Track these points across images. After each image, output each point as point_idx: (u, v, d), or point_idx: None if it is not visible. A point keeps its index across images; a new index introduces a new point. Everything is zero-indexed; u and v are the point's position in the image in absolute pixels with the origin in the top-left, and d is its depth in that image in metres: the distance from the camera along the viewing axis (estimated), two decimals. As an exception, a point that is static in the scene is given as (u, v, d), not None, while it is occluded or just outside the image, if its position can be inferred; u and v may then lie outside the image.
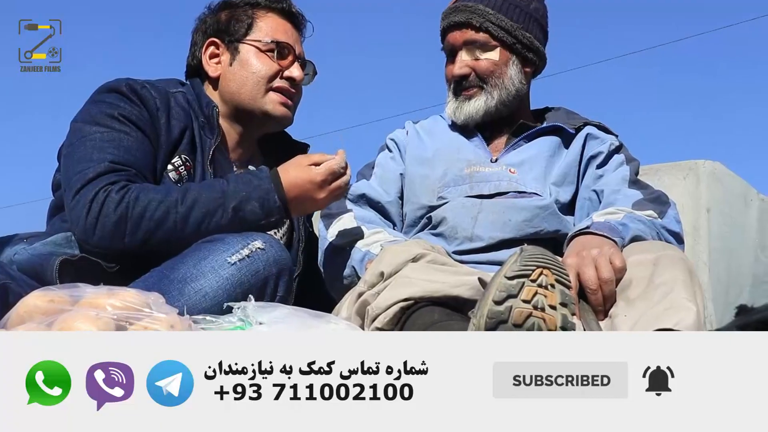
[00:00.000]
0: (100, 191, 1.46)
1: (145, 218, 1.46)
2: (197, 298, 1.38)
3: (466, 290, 1.36)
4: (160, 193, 1.49)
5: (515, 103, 1.87)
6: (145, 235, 1.47)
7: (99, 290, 1.06)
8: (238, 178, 1.57)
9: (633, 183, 1.75)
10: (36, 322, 1.01)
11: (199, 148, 1.66)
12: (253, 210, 1.52)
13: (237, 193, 1.52)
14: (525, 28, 1.84)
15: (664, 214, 1.63)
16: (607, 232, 1.47)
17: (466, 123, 1.87)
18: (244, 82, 1.71)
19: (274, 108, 1.72)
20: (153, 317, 1.03)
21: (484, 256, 1.72)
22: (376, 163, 1.97)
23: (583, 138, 1.85)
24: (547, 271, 1.08)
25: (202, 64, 1.75)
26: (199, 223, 1.48)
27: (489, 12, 1.82)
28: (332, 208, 1.82)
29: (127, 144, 1.54)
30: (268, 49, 1.72)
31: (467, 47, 1.84)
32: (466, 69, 1.84)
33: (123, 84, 1.61)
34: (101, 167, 1.49)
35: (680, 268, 1.36)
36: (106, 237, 1.46)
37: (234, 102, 1.73)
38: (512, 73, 1.84)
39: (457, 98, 1.87)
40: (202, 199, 1.49)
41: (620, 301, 1.34)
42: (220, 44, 1.74)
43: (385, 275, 1.40)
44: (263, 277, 1.43)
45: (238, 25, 1.73)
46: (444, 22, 1.88)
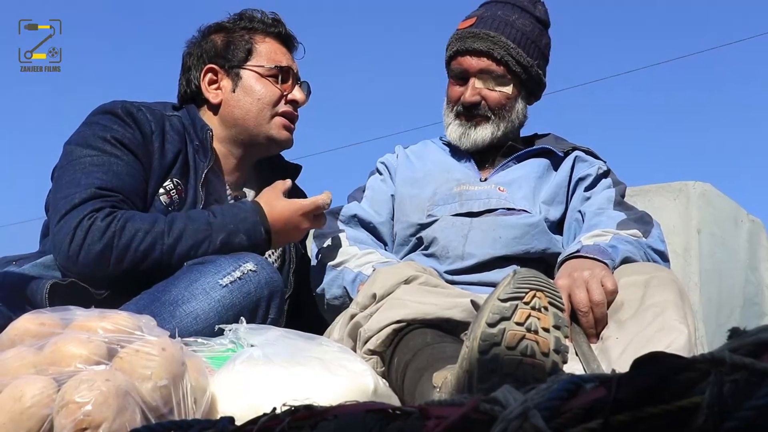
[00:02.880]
0: (85, 218, 1.44)
1: (131, 249, 1.45)
2: (189, 320, 1.37)
3: (458, 312, 1.36)
4: (146, 223, 1.47)
5: (515, 132, 1.91)
6: (130, 264, 1.46)
7: (90, 313, 1.06)
8: (224, 211, 1.57)
9: (618, 204, 1.76)
10: (27, 345, 1.00)
11: (192, 172, 1.65)
12: (241, 243, 1.54)
13: (224, 225, 1.53)
14: (538, 66, 1.87)
15: (649, 234, 1.64)
16: (597, 254, 1.47)
17: (468, 149, 1.88)
18: (249, 109, 1.72)
19: (279, 133, 1.74)
20: (144, 340, 1.02)
21: (476, 277, 1.72)
22: (367, 185, 1.98)
23: (572, 160, 1.87)
24: (540, 294, 1.08)
25: (201, 90, 1.75)
26: (185, 255, 1.49)
27: (511, 46, 1.82)
28: (324, 229, 1.82)
29: (117, 168, 1.53)
30: (270, 74, 1.73)
31: (482, 76, 1.84)
32: (477, 98, 1.84)
33: (119, 106, 1.61)
34: (87, 192, 1.48)
35: (671, 289, 1.37)
36: (89, 264, 1.44)
37: (239, 128, 1.73)
38: (519, 108, 1.87)
39: (461, 123, 1.87)
40: (189, 231, 1.49)
41: (612, 323, 1.35)
42: (219, 70, 1.74)
43: (377, 297, 1.40)
44: (255, 299, 1.42)
45: (237, 50, 1.74)
46: (460, 45, 1.86)
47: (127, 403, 0.92)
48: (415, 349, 1.28)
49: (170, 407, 0.97)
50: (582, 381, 0.59)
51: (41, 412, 0.91)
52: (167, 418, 0.96)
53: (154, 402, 0.95)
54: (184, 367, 1.00)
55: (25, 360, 0.97)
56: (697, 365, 0.55)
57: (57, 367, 0.96)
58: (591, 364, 1.26)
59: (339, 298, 1.73)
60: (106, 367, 0.96)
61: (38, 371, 0.96)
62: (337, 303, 1.73)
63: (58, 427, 0.89)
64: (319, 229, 1.77)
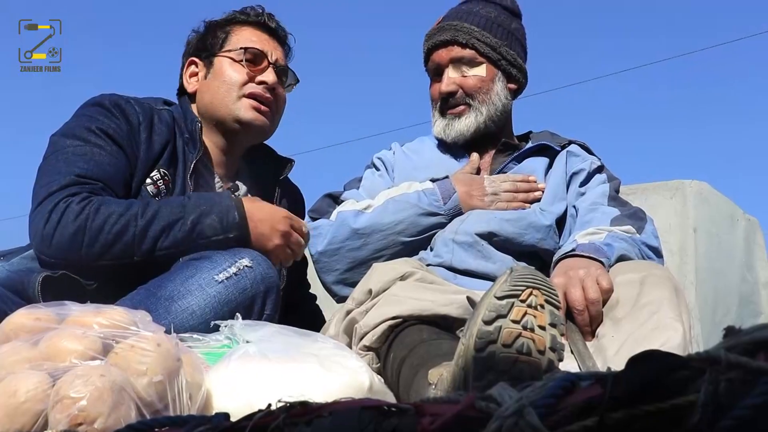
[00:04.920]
0: (60, 201, 1.44)
1: (104, 231, 1.43)
2: (184, 316, 1.36)
3: (454, 309, 1.36)
4: (121, 207, 1.46)
5: (502, 120, 1.89)
6: (102, 248, 1.43)
7: (86, 308, 1.05)
8: (201, 195, 1.56)
9: (612, 199, 1.76)
10: (22, 340, 1.00)
11: (181, 162, 1.65)
12: (212, 224, 1.49)
13: (197, 207, 1.50)
14: (508, 45, 1.88)
15: (642, 230, 1.64)
16: (593, 253, 1.47)
17: (455, 141, 1.88)
18: (216, 92, 1.72)
19: (246, 113, 1.71)
20: (140, 336, 1.02)
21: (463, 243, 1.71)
22: (364, 177, 1.98)
23: (566, 155, 1.87)
24: (536, 292, 1.08)
25: (184, 82, 1.77)
26: (156, 237, 1.46)
27: (474, 29, 1.85)
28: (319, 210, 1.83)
29: (99, 158, 1.52)
30: (240, 58, 1.73)
31: (454, 64, 1.86)
32: (453, 86, 1.86)
33: (107, 98, 1.61)
34: (66, 180, 1.47)
35: (667, 287, 1.37)
36: (63, 247, 1.43)
37: (209, 113, 1.73)
38: (498, 89, 1.86)
39: (444, 117, 1.88)
40: (162, 214, 1.47)
41: (607, 321, 1.35)
42: (198, 61, 1.77)
43: (373, 293, 1.40)
44: (251, 295, 1.42)
45: (215, 40, 1.76)
46: (429, 42, 1.91)
47: (122, 399, 0.92)
48: (410, 345, 1.28)
49: (165, 403, 0.97)
50: (577, 379, 0.59)
51: (36, 407, 0.90)
52: (162, 414, 0.95)
53: (149, 397, 0.95)
54: (180, 362, 1.00)
55: (20, 355, 0.97)
56: (692, 364, 0.55)
57: (52, 362, 0.96)
58: (586, 362, 1.27)
59: (401, 222, 1.74)
60: (101, 362, 0.96)
61: (33, 366, 0.95)
62: (401, 227, 1.74)
63: (52, 423, 0.89)
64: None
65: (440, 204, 1.73)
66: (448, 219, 1.74)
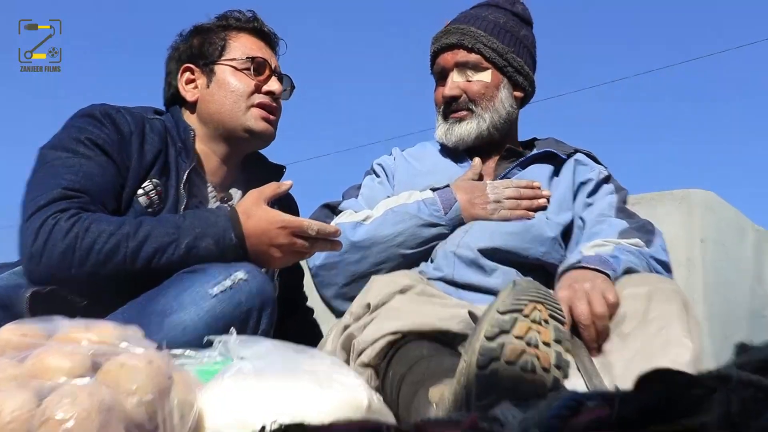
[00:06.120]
0: (49, 218, 1.40)
1: (93, 250, 1.39)
2: (177, 331, 1.33)
3: (455, 324, 1.33)
4: (112, 225, 1.42)
5: (506, 128, 1.87)
6: (92, 267, 1.40)
7: (75, 324, 1.03)
8: (196, 215, 1.51)
9: (620, 211, 1.73)
10: (8, 356, 0.97)
11: (174, 173, 1.63)
12: (208, 247, 1.45)
13: (192, 229, 1.45)
14: (515, 52, 1.85)
15: (651, 243, 1.61)
16: (599, 265, 1.44)
17: (456, 146, 1.86)
18: (223, 102, 1.71)
19: (257, 123, 1.71)
20: (130, 352, 0.99)
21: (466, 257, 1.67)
22: (363, 185, 1.95)
23: (573, 163, 1.84)
24: (540, 306, 1.05)
25: (179, 90, 1.75)
26: (149, 259, 1.42)
27: (481, 34, 1.83)
28: None
29: (87, 169, 1.49)
30: (244, 67, 1.72)
31: (459, 68, 1.84)
32: (457, 90, 1.84)
33: (97, 108, 1.59)
34: (54, 194, 1.44)
35: (675, 301, 1.34)
36: (52, 266, 1.39)
37: (215, 123, 1.72)
38: (503, 96, 1.84)
39: (446, 121, 1.86)
40: (155, 234, 1.43)
41: (614, 337, 1.31)
42: (195, 69, 1.75)
43: (371, 307, 1.37)
44: (245, 309, 1.38)
45: (212, 47, 1.74)
46: (435, 45, 1.89)
47: (111, 419, 0.89)
48: (410, 362, 1.24)
49: (155, 423, 0.93)
50: (584, 398, 0.56)
51: (21, 428, 0.87)
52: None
53: (139, 417, 0.92)
54: (171, 380, 0.97)
55: (6, 372, 0.94)
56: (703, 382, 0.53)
57: (39, 380, 0.93)
58: (593, 380, 1.23)
59: (401, 234, 1.70)
60: (89, 380, 0.93)
61: (19, 384, 0.92)
62: (400, 240, 1.70)
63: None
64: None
65: (441, 214, 1.70)
66: (450, 229, 1.70)
